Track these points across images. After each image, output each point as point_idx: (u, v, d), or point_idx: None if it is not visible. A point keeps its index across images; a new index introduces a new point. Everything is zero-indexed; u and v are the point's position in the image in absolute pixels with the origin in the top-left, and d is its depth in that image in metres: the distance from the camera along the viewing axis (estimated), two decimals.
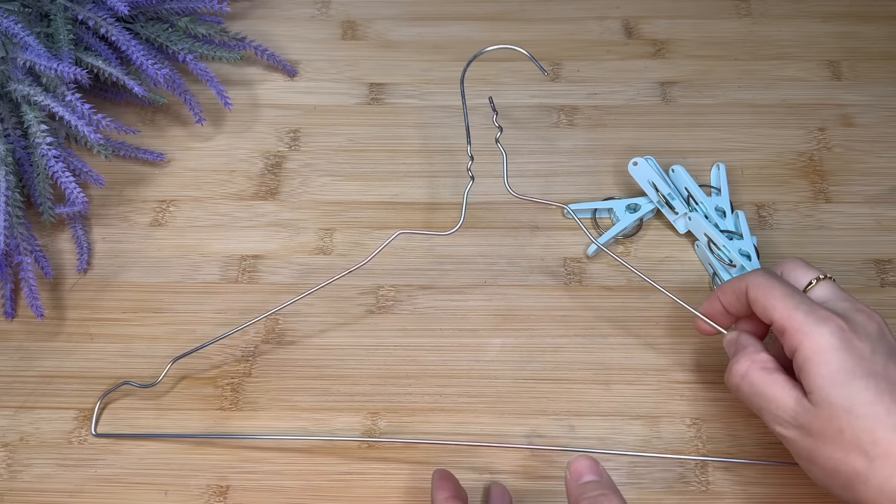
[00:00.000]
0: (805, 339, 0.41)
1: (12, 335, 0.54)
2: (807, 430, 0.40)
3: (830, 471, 0.40)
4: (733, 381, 0.44)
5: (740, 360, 0.43)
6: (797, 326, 0.41)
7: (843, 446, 0.39)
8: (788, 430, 0.41)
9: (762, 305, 0.43)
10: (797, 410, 0.40)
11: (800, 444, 0.41)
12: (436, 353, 0.53)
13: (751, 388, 0.42)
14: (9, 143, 0.55)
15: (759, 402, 0.42)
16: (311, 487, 0.48)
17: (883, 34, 0.66)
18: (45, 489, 0.49)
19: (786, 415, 0.41)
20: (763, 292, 0.43)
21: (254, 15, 0.69)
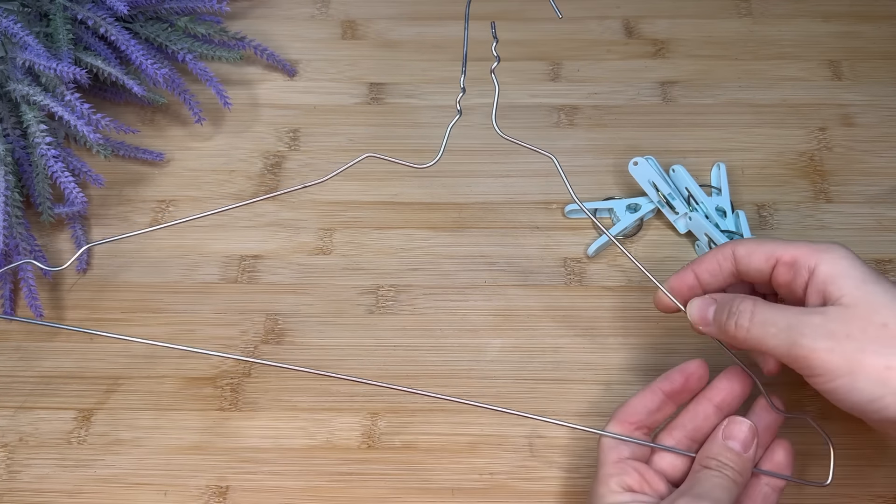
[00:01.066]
0: (822, 256, 0.40)
1: (11, 335, 0.54)
2: (845, 333, 0.37)
3: (881, 371, 0.37)
4: (741, 327, 0.40)
5: (741, 304, 0.41)
6: (809, 252, 0.40)
7: (891, 340, 0.37)
8: (822, 342, 0.37)
9: (760, 254, 0.42)
10: (828, 318, 0.38)
11: (837, 354, 0.37)
12: (436, 354, 0.53)
13: (763, 323, 0.39)
14: (8, 142, 0.55)
15: (777, 331, 0.39)
16: (310, 488, 0.48)
17: (884, 34, 0.66)
18: (44, 489, 0.49)
19: (814, 330, 0.38)
20: (755, 244, 0.42)
21: (253, 14, 0.69)
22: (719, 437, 0.42)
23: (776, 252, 0.41)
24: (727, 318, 0.41)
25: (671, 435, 0.44)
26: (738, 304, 0.41)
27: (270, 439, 0.50)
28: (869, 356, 0.37)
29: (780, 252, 0.41)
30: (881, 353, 0.37)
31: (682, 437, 0.44)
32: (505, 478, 0.48)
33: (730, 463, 0.41)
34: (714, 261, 0.44)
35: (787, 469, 0.43)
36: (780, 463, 0.43)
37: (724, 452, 0.41)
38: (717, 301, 0.43)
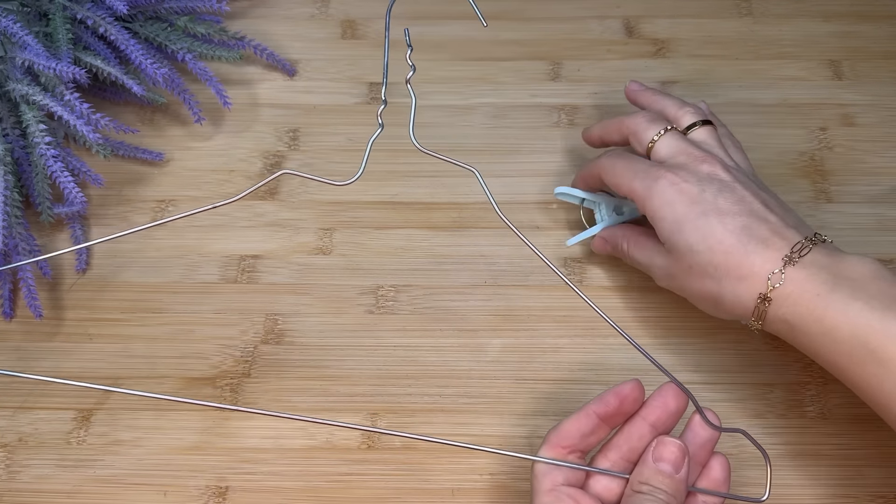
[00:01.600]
0: (646, 202, 0.47)
1: (11, 335, 0.54)
2: (673, 274, 0.48)
3: (698, 297, 0.47)
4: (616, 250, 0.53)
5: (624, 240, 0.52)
6: (639, 193, 0.48)
7: (696, 278, 0.46)
8: (665, 281, 0.49)
9: (612, 184, 0.50)
10: (662, 264, 0.49)
11: (674, 285, 0.48)
12: (436, 354, 0.53)
13: (633, 258, 0.51)
14: (7, 142, 0.55)
15: (640, 264, 0.51)
16: (310, 488, 0.48)
17: (884, 34, 0.66)
18: (43, 489, 0.49)
19: (661, 271, 0.49)
20: (610, 173, 0.50)
21: (253, 14, 0.69)
22: (650, 460, 0.41)
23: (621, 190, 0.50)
24: (616, 249, 0.53)
25: (606, 457, 0.42)
26: (622, 243, 0.52)
27: (270, 440, 0.50)
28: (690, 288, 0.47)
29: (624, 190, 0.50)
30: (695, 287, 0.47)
31: (617, 459, 0.42)
32: (505, 478, 0.48)
33: (662, 486, 0.40)
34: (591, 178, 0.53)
35: (723, 485, 0.42)
36: (716, 479, 0.42)
37: (656, 476, 0.40)
38: (608, 240, 0.54)
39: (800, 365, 0.52)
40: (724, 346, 0.52)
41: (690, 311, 0.54)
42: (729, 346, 0.52)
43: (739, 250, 0.44)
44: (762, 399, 0.50)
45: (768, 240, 0.44)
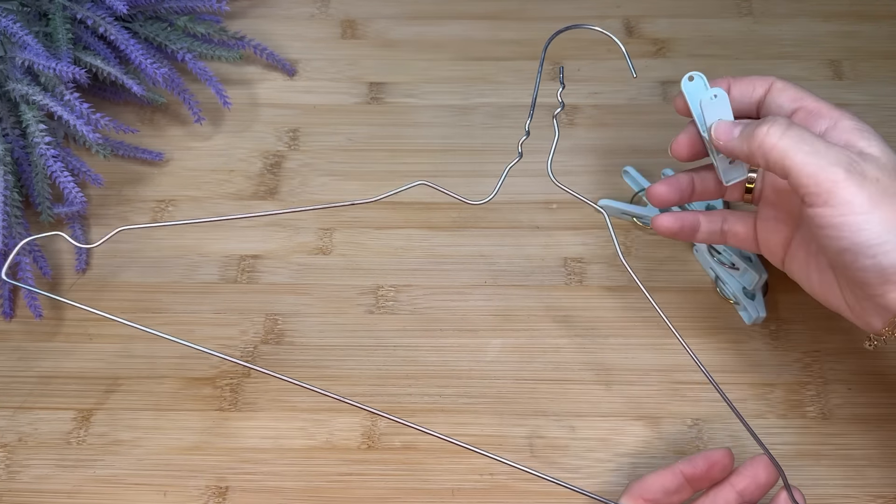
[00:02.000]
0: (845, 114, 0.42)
1: (11, 335, 0.54)
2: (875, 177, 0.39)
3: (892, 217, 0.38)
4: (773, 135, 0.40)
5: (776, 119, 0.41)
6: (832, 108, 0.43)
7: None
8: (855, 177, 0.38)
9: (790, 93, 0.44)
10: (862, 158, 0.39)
11: (865, 191, 0.38)
12: (436, 354, 0.53)
13: (799, 139, 0.39)
14: (7, 142, 0.55)
15: (811, 150, 0.39)
16: (310, 489, 0.48)
17: (884, 33, 0.66)
18: (43, 489, 0.48)
19: (850, 164, 0.39)
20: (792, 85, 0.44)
21: (253, 14, 0.69)
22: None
23: (804, 98, 0.43)
24: (757, 129, 0.40)
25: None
26: (772, 119, 0.41)
27: (270, 440, 0.50)
28: (891, 201, 0.38)
29: (808, 100, 0.43)
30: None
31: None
32: (505, 478, 0.48)
33: None
34: (751, 82, 0.45)
35: None
36: None
37: None
38: (745, 123, 0.42)
39: (800, 365, 0.52)
40: (725, 346, 0.52)
41: (691, 311, 0.54)
42: (729, 346, 0.52)
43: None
44: (762, 399, 0.50)
45: None
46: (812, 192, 0.39)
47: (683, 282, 0.55)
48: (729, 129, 0.43)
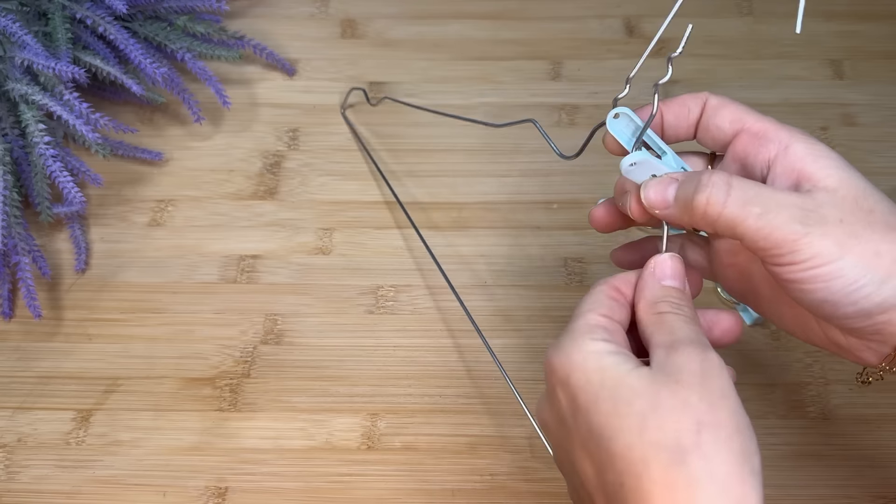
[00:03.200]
0: (796, 136, 0.37)
1: (10, 335, 0.54)
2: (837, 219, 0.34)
3: (869, 258, 0.34)
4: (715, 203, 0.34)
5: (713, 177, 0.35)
6: (780, 128, 0.37)
7: (880, 227, 0.34)
8: (815, 227, 0.33)
9: (728, 113, 0.38)
10: (817, 202, 0.34)
11: (830, 238, 0.34)
12: (436, 354, 0.53)
13: (744, 201, 0.34)
14: (6, 142, 0.55)
15: (763, 211, 0.34)
16: (310, 489, 0.48)
17: (885, 33, 0.66)
18: (42, 490, 0.48)
19: (807, 214, 0.34)
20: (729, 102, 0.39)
21: (253, 13, 0.69)
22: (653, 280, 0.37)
23: (745, 118, 0.38)
24: (696, 192, 0.35)
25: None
26: (708, 176, 0.35)
27: (270, 440, 0.50)
28: (860, 243, 0.34)
29: (750, 120, 0.38)
30: (871, 238, 0.34)
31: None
32: (505, 479, 0.48)
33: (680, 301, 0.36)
34: (683, 102, 0.40)
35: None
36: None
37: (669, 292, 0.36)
38: (680, 179, 0.36)
39: (801, 365, 0.52)
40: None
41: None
42: (729, 346, 0.52)
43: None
44: (763, 399, 0.50)
45: None
46: (773, 253, 0.34)
47: None
48: (663, 192, 0.37)
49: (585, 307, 0.36)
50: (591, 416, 0.32)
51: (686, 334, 0.34)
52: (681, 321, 0.35)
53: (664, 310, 0.35)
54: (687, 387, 0.31)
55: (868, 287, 0.34)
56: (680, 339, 0.33)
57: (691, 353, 0.32)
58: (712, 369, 0.32)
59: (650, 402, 0.31)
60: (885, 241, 0.34)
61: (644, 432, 0.31)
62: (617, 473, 0.31)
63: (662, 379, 0.32)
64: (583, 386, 0.33)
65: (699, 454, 0.30)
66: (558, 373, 0.34)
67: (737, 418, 0.32)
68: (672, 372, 0.32)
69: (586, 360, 0.33)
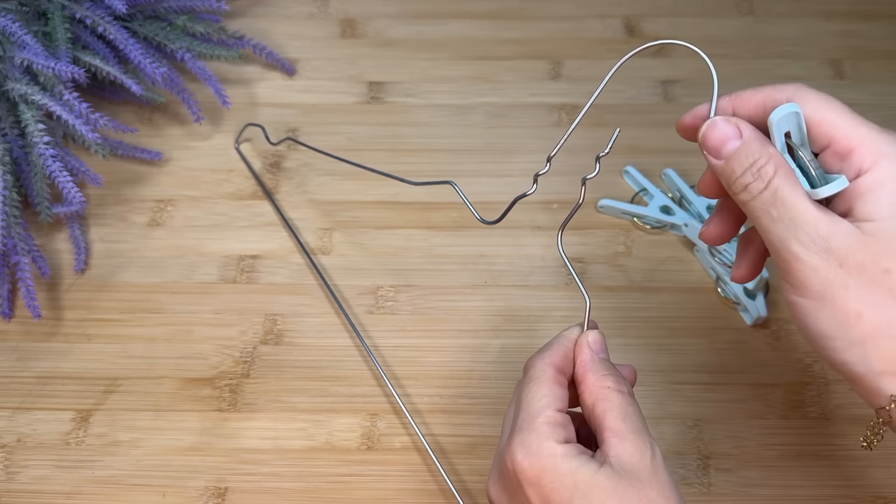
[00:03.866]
0: (884, 160, 0.33)
1: (9, 335, 0.54)
2: (840, 259, 0.32)
3: (850, 315, 0.33)
4: (750, 192, 0.34)
5: (766, 166, 0.34)
6: (875, 147, 0.33)
7: (882, 289, 0.32)
8: (811, 255, 0.33)
9: (818, 124, 0.35)
10: (835, 234, 0.33)
11: (820, 274, 0.33)
12: (436, 354, 0.52)
13: (772, 202, 0.33)
14: (6, 142, 0.55)
15: (779, 217, 0.33)
16: (309, 489, 0.48)
17: (885, 33, 0.66)
18: (42, 490, 0.48)
19: (816, 234, 0.33)
20: (821, 106, 0.35)
21: (252, 13, 0.69)
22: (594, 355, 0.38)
23: (834, 132, 0.34)
24: (743, 174, 0.34)
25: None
26: (762, 163, 0.34)
27: (269, 440, 0.50)
28: (846, 296, 0.33)
29: (839, 135, 0.34)
30: (861, 298, 0.32)
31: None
32: None
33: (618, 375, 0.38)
34: (762, 98, 0.36)
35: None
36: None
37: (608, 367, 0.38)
38: (745, 139, 0.35)
39: (801, 366, 0.51)
40: (725, 346, 0.52)
41: (691, 312, 0.54)
42: (730, 346, 0.52)
43: None
44: (763, 399, 0.50)
45: None
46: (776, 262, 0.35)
47: (684, 282, 0.55)
48: (723, 141, 0.36)
49: (541, 402, 0.37)
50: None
51: (633, 423, 0.36)
52: (625, 403, 0.37)
53: (609, 385, 0.37)
54: (647, 484, 0.34)
55: (838, 342, 0.33)
56: (629, 430, 0.36)
57: (640, 447, 0.35)
58: (658, 463, 0.35)
59: (621, 502, 0.34)
60: (876, 305, 0.32)
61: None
62: None
63: (627, 479, 0.34)
64: (556, 488, 0.35)
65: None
66: (528, 474, 0.35)
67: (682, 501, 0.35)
68: (630, 469, 0.35)
69: (558, 465, 0.35)
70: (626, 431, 0.35)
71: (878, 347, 0.33)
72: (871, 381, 0.33)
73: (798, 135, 0.35)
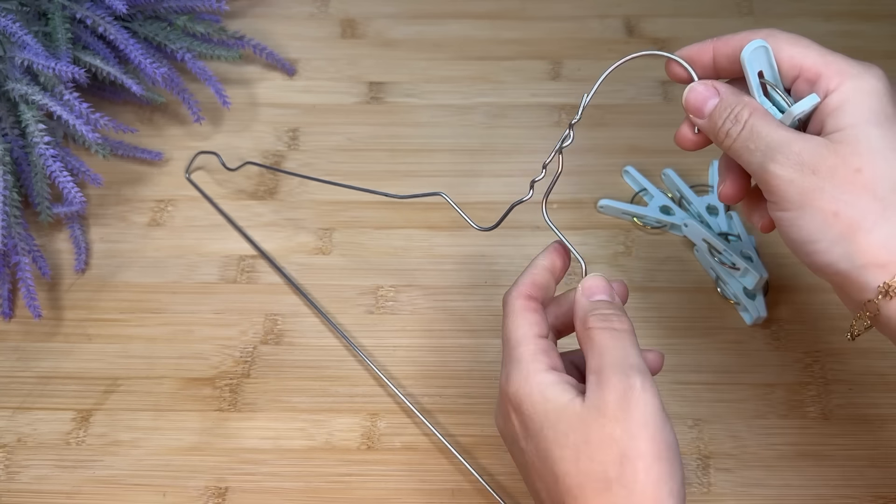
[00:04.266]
0: (848, 80, 0.37)
1: (10, 335, 0.54)
2: (812, 167, 0.35)
3: (827, 216, 0.35)
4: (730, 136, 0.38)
5: (740, 111, 0.38)
6: (838, 69, 0.37)
7: (855, 187, 0.35)
8: (786, 170, 0.36)
9: (787, 55, 0.38)
10: (805, 148, 0.35)
11: (797, 184, 0.35)
12: (436, 354, 0.53)
13: (748, 137, 0.37)
14: (6, 142, 0.55)
15: (755, 148, 0.37)
16: (310, 489, 0.48)
17: (885, 33, 0.66)
18: (42, 490, 0.48)
19: (789, 151, 0.36)
20: (790, 43, 0.38)
21: (252, 13, 0.69)
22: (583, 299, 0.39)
23: (803, 61, 0.38)
24: (722, 123, 0.38)
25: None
26: (738, 109, 0.38)
27: (270, 440, 0.50)
28: (822, 198, 0.35)
29: (807, 64, 0.38)
30: (836, 198, 0.35)
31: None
32: (505, 479, 0.48)
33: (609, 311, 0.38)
34: (740, 39, 0.39)
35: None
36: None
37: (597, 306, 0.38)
38: (721, 96, 0.39)
39: (801, 365, 0.51)
40: (725, 346, 0.52)
41: (691, 312, 0.54)
42: (729, 346, 0.52)
43: None
44: (763, 399, 0.50)
45: None
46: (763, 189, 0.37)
47: (683, 282, 0.55)
48: (702, 102, 0.39)
49: (518, 332, 0.38)
50: (539, 441, 0.36)
51: (613, 358, 0.36)
52: (608, 338, 0.36)
53: (592, 325, 0.37)
54: (613, 420, 0.34)
55: (821, 244, 0.35)
56: (607, 365, 0.35)
57: (616, 385, 0.35)
58: (634, 400, 0.34)
59: (583, 436, 0.34)
60: (850, 203, 0.35)
61: (579, 462, 0.34)
62: (560, 493, 0.35)
63: (593, 414, 0.35)
64: (531, 415, 0.36)
65: (621, 484, 0.33)
66: (512, 400, 0.37)
67: (656, 446, 0.34)
68: (600, 405, 0.35)
69: (532, 393, 0.36)
70: (601, 368, 0.35)
71: (856, 241, 0.35)
72: (857, 276, 0.35)
73: (769, 71, 0.39)
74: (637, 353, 0.36)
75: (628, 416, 0.34)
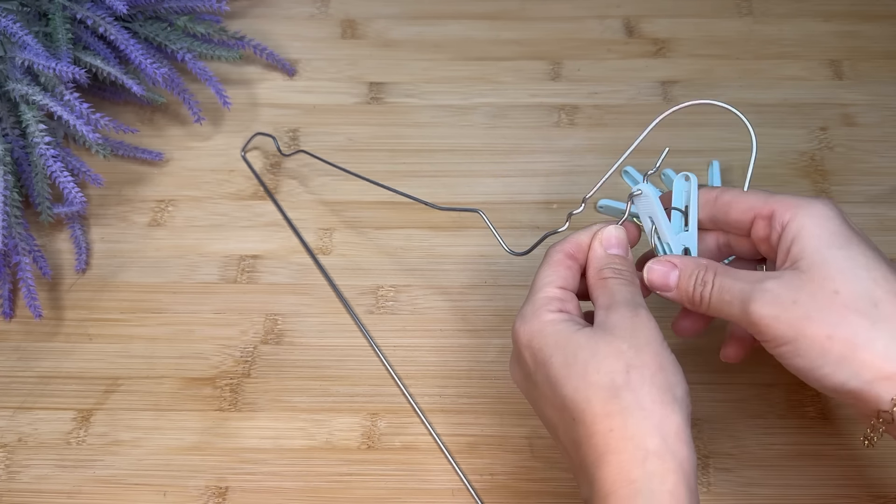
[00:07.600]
0: (800, 210, 0.39)
1: (10, 335, 0.54)
2: (791, 299, 0.37)
3: (822, 341, 0.36)
4: (704, 299, 0.40)
5: (705, 275, 0.40)
6: (789, 203, 0.39)
7: (838, 309, 0.36)
8: (766, 307, 0.37)
9: (741, 206, 0.41)
10: (778, 283, 0.37)
11: (783, 319, 0.37)
12: (436, 354, 0.53)
13: (720, 291, 0.39)
14: (7, 142, 0.55)
15: (731, 299, 0.38)
16: (310, 489, 0.48)
17: (885, 33, 0.66)
18: (43, 490, 0.48)
19: (763, 296, 0.37)
20: (739, 195, 0.42)
21: (253, 14, 0.69)
22: (599, 249, 0.42)
23: (756, 205, 0.40)
24: (693, 289, 0.40)
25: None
26: (701, 273, 0.40)
27: (270, 440, 0.50)
28: (812, 326, 0.36)
29: (760, 206, 0.40)
30: (825, 321, 0.36)
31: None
32: (505, 479, 0.48)
33: (622, 267, 0.41)
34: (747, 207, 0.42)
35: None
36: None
37: (612, 260, 0.42)
38: (679, 266, 0.41)
39: None
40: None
41: None
42: None
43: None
44: (762, 399, 0.50)
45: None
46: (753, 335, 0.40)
47: None
48: (665, 279, 0.41)
49: (544, 280, 0.41)
50: (549, 368, 0.38)
51: (623, 296, 0.40)
52: (619, 284, 0.40)
53: (607, 275, 0.41)
54: (619, 338, 0.38)
55: (826, 368, 0.36)
56: (617, 301, 0.39)
57: (624, 312, 0.39)
58: (640, 323, 0.38)
59: (591, 352, 0.37)
60: (839, 324, 0.36)
61: (586, 376, 0.37)
62: (570, 411, 0.37)
63: (601, 334, 0.38)
64: (541, 347, 0.39)
65: (628, 389, 0.36)
66: (522, 339, 0.40)
67: (659, 359, 0.37)
68: (608, 328, 0.38)
69: (544, 328, 0.39)
70: (610, 304, 0.39)
71: (859, 359, 0.36)
72: (869, 391, 0.36)
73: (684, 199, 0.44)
74: (643, 300, 0.40)
75: (634, 334, 0.38)
